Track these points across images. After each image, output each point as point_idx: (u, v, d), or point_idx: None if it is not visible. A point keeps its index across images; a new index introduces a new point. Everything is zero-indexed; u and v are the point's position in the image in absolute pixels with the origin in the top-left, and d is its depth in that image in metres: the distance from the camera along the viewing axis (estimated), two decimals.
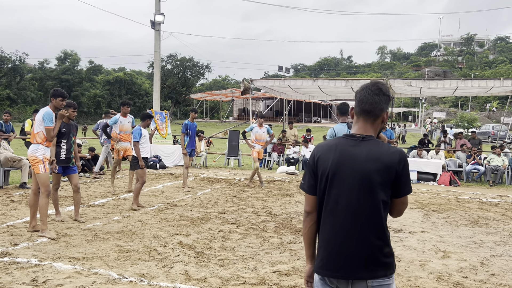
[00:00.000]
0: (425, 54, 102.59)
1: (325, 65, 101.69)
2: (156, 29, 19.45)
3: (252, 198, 9.23)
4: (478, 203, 9.53)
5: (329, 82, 16.46)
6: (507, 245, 6.14)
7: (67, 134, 6.55)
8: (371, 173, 2.00)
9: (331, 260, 2.05)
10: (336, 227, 2.05)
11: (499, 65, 75.78)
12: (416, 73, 76.43)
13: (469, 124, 36.43)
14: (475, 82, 15.34)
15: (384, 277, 2.02)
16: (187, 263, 4.85)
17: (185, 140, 10.09)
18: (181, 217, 7.16)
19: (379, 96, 2.11)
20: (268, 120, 45.40)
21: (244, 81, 16.58)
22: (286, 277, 4.52)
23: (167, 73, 54.30)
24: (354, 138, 2.10)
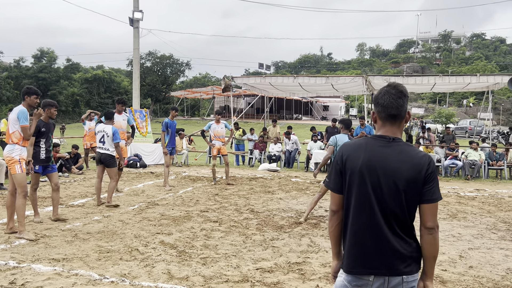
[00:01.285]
0: (404, 50, 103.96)
1: (305, 62, 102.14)
2: (135, 26, 19.24)
3: (234, 195, 9.22)
4: (456, 197, 9.72)
5: (310, 79, 16.56)
6: (484, 238, 6.28)
7: (46, 133, 6.45)
8: (402, 174, 2.04)
9: (367, 258, 2.08)
10: (370, 226, 2.08)
11: (475, 62, 77.38)
12: (394, 70, 77.42)
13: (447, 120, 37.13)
14: (452, 79, 15.65)
15: (416, 273, 2.10)
16: (169, 262, 4.81)
17: (166, 138, 10.01)
18: (163, 216, 7.10)
19: (402, 99, 2.15)
20: (250, 118, 45.40)
21: (225, 78, 16.54)
22: (269, 274, 4.53)
23: (146, 71, 53.76)
24: (385, 139, 2.13)
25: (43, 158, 6.42)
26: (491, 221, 7.40)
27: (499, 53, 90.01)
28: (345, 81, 16.56)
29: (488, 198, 9.67)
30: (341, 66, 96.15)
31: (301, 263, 4.91)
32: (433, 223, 2.07)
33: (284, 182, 11.48)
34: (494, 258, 5.31)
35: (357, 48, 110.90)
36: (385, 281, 2.06)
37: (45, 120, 6.47)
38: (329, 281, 4.37)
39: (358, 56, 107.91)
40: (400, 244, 2.05)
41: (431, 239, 2.07)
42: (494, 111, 43.93)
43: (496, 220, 7.48)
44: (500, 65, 76.74)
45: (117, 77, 62.49)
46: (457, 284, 4.38)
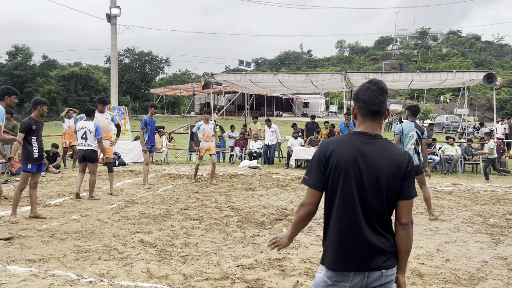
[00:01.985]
0: (382, 47, 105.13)
1: (285, 59, 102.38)
2: (112, 23, 18.97)
3: (215, 193, 9.20)
4: (433, 191, 9.89)
5: (290, 76, 16.60)
6: (461, 231, 6.41)
7: (37, 132, 6.43)
8: (384, 171, 2.07)
9: (349, 255, 2.10)
10: (352, 223, 2.10)
11: (451, 58, 78.77)
12: (373, 67, 78.31)
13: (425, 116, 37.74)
14: (430, 75, 15.89)
15: (394, 266, 2.15)
16: (148, 261, 4.77)
17: (145, 136, 9.89)
18: (142, 214, 7.03)
19: (383, 96, 2.18)
20: (230, 115, 45.32)
21: (204, 75, 16.44)
22: (249, 271, 4.53)
23: (125, 68, 53.07)
24: (366, 135, 2.14)
25: (36, 157, 6.39)
26: (467, 214, 7.55)
27: (475, 50, 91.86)
28: (324, 78, 16.65)
29: (464, 192, 9.88)
30: (321, 63, 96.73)
31: (282, 259, 4.93)
32: (407, 219, 2.12)
33: (265, 179, 11.50)
34: (470, 251, 5.42)
35: (337, 45, 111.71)
36: (365, 276, 2.09)
37: (36, 118, 6.46)
38: (309, 276, 4.39)
39: (337, 53, 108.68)
40: (380, 239, 2.08)
41: (404, 235, 2.12)
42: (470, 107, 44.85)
43: (471, 213, 7.64)
44: (476, 61, 78.35)
45: (95, 74, 61.57)
46: (434, 277, 4.46)
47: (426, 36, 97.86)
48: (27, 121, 6.42)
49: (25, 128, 6.31)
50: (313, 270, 4.55)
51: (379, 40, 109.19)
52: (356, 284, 2.10)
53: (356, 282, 2.10)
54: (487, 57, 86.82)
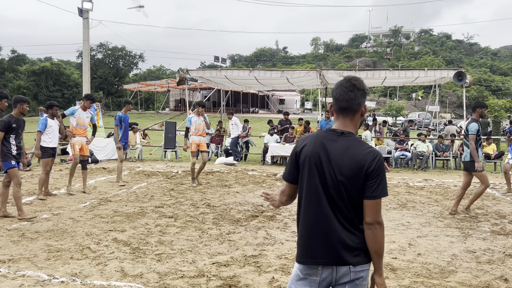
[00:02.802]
0: (356, 45, 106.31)
1: (261, 55, 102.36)
2: (85, 17, 18.58)
3: (190, 190, 9.14)
4: (405, 187, 10.09)
5: (265, 73, 16.61)
6: (432, 226, 6.56)
7: (16, 130, 6.39)
8: (344, 169, 2.07)
9: (315, 249, 2.12)
10: (318, 217, 2.12)
11: (423, 56, 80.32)
12: (347, 64, 79.14)
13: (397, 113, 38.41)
14: (402, 73, 16.18)
15: (364, 263, 2.12)
16: (122, 260, 4.71)
17: (119, 132, 9.74)
18: (116, 212, 6.93)
19: (354, 92, 2.16)
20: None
21: (179, 71, 16.29)
22: (225, 268, 4.53)
23: (97, 63, 52.05)
24: (334, 132, 2.16)
25: (14, 154, 6.38)
26: (438, 209, 7.74)
27: (446, 48, 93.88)
28: (299, 75, 16.74)
29: (435, 188, 10.11)
30: (296, 60, 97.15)
31: (257, 256, 4.94)
32: (372, 219, 2.07)
33: (241, 175, 11.50)
34: (441, 245, 5.56)
35: (312, 43, 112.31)
36: (333, 270, 2.11)
37: (16, 116, 6.43)
38: (284, 272, 4.42)
39: (312, 50, 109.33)
40: (347, 235, 2.09)
41: (370, 234, 2.08)
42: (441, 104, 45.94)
43: (442, 208, 7.83)
44: (447, 60, 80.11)
45: (66, 69, 60.08)
46: (406, 271, 4.56)
47: (399, 34, 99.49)
48: (6, 119, 6.35)
49: (5, 126, 6.26)
50: (288, 266, 4.58)
51: (353, 38, 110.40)
52: (326, 278, 2.12)
53: (325, 276, 2.12)
54: (458, 55, 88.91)
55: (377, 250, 2.10)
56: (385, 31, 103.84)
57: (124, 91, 56.98)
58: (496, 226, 6.53)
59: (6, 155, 6.27)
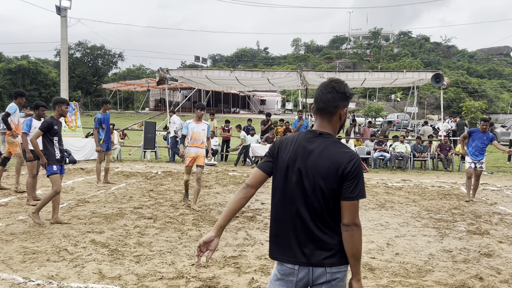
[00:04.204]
0: (336, 47, 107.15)
1: (242, 56, 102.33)
2: (63, 15, 18.27)
3: (170, 191, 9.07)
4: (384, 187, 10.22)
5: (246, 73, 16.61)
6: (410, 225, 6.66)
7: (58, 132, 6.27)
8: (321, 171, 2.06)
9: (289, 248, 2.12)
10: (292, 218, 2.12)
11: (402, 58, 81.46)
12: (328, 65, 79.66)
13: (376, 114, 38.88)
14: (381, 74, 16.40)
15: (340, 265, 2.11)
16: (100, 262, 4.64)
17: (102, 134, 9.57)
18: (94, 214, 6.83)
19: (332, 94, 2.15)
20: (186, 111, 44.79)
21: (159, 71, 16.16)
22: (204, 269, 4.51)
23: (76, 62, 51.26)
24: (313, 133, 2.16)
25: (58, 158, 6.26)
26: (416, 209, 7.86)
27: (424, 51, 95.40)
28: (280, 75, 16.80)
29: (413, 188, 10.27)
30: (277, 60, 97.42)
31: (237, 257, 4.93)
32: (349, 221, 2.05)
33: (222, 176, 11.47)
34: (418, 244, 5.64)
35: (293, 43, 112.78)
36: (310, 271, 2.11)
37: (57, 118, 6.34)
38: (264, 273, 4.42)
39: (293, 51, 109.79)
40: (321, 236, 2.09)
41: (347, 236, 2.06)
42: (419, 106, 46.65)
43: (420, 208, 7.95)
44: (425, 62, 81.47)
45: (44, 68, 58.97)
46: (384, 271, 4.61)
47: (378, 36, 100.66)
48: (49, 120, 6.19)
49: (47, 126, 6.11)
50: (268, 267, 4.58)
51: (334, 39, 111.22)
52: (302, 278, 2.12)
53: (302, 276, 2.12)
54: (435, 57, 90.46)
55: (354, 253, 2.07)
56: (365, 32, 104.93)
57: (103, 90, 56.25)
58: (472, 226, 6.66)
59: (50, 159, 6.10)
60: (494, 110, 58.81)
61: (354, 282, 2.13)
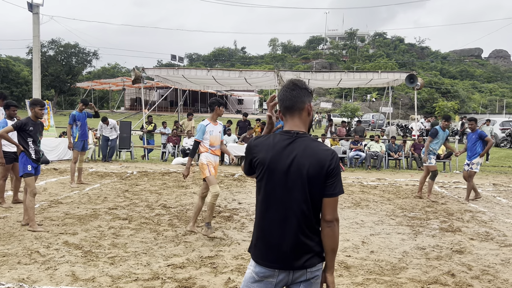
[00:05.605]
0: (313, 47, 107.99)
1: (219, 55, 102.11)
2: (35, 12, 17.82)
3: (146, 191, 8.96)
4: (360, 186, 10.34)
5: (223, 72, 16.56)
6: (384, 224, 6.76)
7: (34, 133, 6.11)
8: (307, 170, 2.07)
9: (272, 253, 2.12)
10: (274, 221, 2.12)
11: (377, 59, 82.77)
12: (305, 65, 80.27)
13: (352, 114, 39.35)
14: (357, 75, 16.61)
15: (318, 263, 2.15)
16: (73, 264, 4.55)
17: (75, 131, 9.38)
18: (67, 215, 6.69)
19: (296, 91, 2.19)
20: (163, 110, 44.38)
21: (135, 69, 15.96)
22: (180, 270, 4.47)
23: (49, 60, 50.13)
24: (289, 134, 2.16)
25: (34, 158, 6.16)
26: (390, 208, 7.98)
27: (399, 52, 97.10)
28: (257, 75, 16.81)
29: (388, 187, 10.43)
30: (255, 60, 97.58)
31: (214, 257, 4.91)
32: (331, 217, 2.11)
33: (199, 176, 11.39)
34: (392, 242, 5.73)
35: (270, 43, 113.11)
36: (290, 273, 2.13)
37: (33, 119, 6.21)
38: (241, 273, 4.42)
39: (270, 51, 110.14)
40: (305, 240, 2.11)
41: (329, 232, 2.12)
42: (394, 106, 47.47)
43: (394, 207, 8.08)
44: (399, 62, 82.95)
45: (15, 66, 57.48)
46: (359, 269, 4.67)
47: (354, 37, 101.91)
48: (24, 120, 6.09)
49: (17, 125, 5.99)
50: (244, 266, 4.57)
51: (310, 40, 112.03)
52: (282, 279, 2.15)
53: (282, 278, 2.14)
54: (410, 58, 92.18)
55: (334, 248, 2.14)
56: (341, 33, 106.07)
57: (77, 89, 55.16)
58: (445, 224, 6.81)
59: (25, 158, 5.97)
60: (466, 110, 60.31)
61: (329, 275, 2.19)
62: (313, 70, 18.61)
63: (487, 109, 65.22)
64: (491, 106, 68.48)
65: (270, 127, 2.39)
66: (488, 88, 78.20)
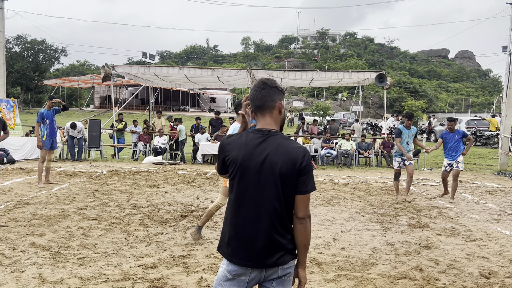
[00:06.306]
0: (285, 46, 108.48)
1: (192, 53, 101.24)
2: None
3: (116, 191, 8.82)
4: (331, 184, 10.47)
5: (196, 70, 16.46)
6: (355, 220, 6.87)
7: None
8: (279, 168, 2.08)
9: (245, 251, 2.12)
10: (247, 219, 2.12)
11: (348, 59, 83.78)
12: (277, 64, 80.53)
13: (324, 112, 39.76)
14: (328, 74, 16.81)
15: (291, 261, 2.17)
16: (41, 265, 4.43)
17: (43, 129, 9.12)
18: (34, 215, 6.50)
19: (266, 90, 2.20)
20: (134, 109, 43.69)
21: (105, 67, 15.66)
22: (152, 270, 4.42)
23: (14, 57, 48.59)
24: (261, 132, 2.16)
25: None
26: (361, 205, 8.11)
27: (369, 52, 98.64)
28: (230, 74, 16.79)
29: (358, 184, 10.59)
30: (227, 58, 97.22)
31: (186, 256, 4.88)
32: (304, 214, 2.13)
33: (170, 175, 11.29)
34: (363, 238, 5.83)
35: (242, 42, 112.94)
36: (262, 271, 2.15)
37: None
38: (213, 272, 4.40)
39: (243, 49, 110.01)
40: (278, 237, 2.12)
41: (301, 229, 2.14)
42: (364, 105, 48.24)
43: (365, 204, 8.22)
44: (369, 62, 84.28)
45: None
46: (331, 265, 4.73)
47: (325, 36, 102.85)
48: None
49: None
50: (217, 265, 4.56)
51: (283, 39, 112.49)
52: (255, 277, 2.16)
53: (254, 276, 2.15)
54: (379, 58, 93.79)
55: (306, 244, 2.17)
56: (313, 33, 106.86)
57: (44, 86, 53.65)
58: (413, 220, 6.97)
59: None
60: (433, 109, 61.86)
61: (301, 270, 2.23)
62: (285, 69, 18.74)
63: (453, 108, 67.11)
64: (457, 105, 70.50)
65: (244, 125, 2.39)
66: (455, 88, 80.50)
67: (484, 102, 68.45)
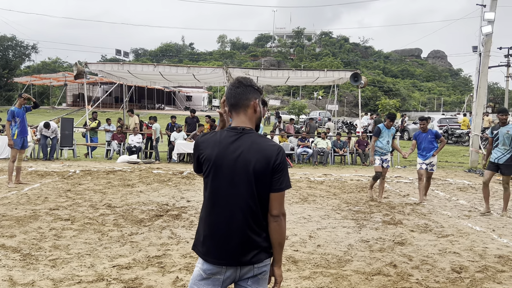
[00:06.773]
0: (262, 45, 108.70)
1: (167, 51, 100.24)
2: None
3: (90, 191, 8.65)
4: (307, 182, 10.54)
5: (171, 68, 16.30)
6: (330, 218, 6.93)
7: None
8: (253, 166, 2.07)
9: (220, 250, 2.11)
10: (221, 218, 2.11)
11: (324, 58, 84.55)
12: (253, 63, 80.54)
13: (300, 111, 40.03)
14: (304, 73, 16.91)
15: (266, 259, 2.16)
16: (11, 268, 4.31)
17: (14, 128, 8.86)
18: (4, 216, 6.32)
19: (240, 88, 2.20)
20: (108, 107, 42.98)
21: (77, 64, 15.34)
22: (126, 270, 4.35)
23: None
24: (236, 130, 2.15)
25: None
26: (336, 202, 8.19)
27: (344, 51, 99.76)
28: (206, 72, 16.70)
29: (334, 182, 10.70)
30: (203, 56, 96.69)
31: (161, 256, 4.83)
32: (278, 211, 2.13)
33: (145, 174, 11.16)
34: (338, 236, 5.89)
35: (218, 40, 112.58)
36: (237, 269, 2.14)
37: None
38: (189, 271, 4.37)
39: (219, 47, 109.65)
40: (253, 236, 2.11)
41: (276, 227, 2.14)
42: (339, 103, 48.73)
43: (340, 201, 8.30)
44: (345, 61, 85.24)
45: None
46: (307, 263, 4.76)
47: (301, 35, 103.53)
48: None
49: None
50: (193, 265, 4.53)
51: (259, 37, 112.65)
52: (230, 276, 2.15)
53: (229, 275, 2.15)
54: (354, 57, 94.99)
55: (281, 242, 2.16)
56: (289, 32, 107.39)
57: (14, 84, 52.27)
58: (387, 217, 7.09)
59: None
60: (406, 107, 63.07)
61: (277, 268, 2.22)
62: (261, 68, 18.71)
63: (426, 107, 68.56)
64: (429, 104, 72.07)
65: (222, 124, 2.38)
66: (427, 87, 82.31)
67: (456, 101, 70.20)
